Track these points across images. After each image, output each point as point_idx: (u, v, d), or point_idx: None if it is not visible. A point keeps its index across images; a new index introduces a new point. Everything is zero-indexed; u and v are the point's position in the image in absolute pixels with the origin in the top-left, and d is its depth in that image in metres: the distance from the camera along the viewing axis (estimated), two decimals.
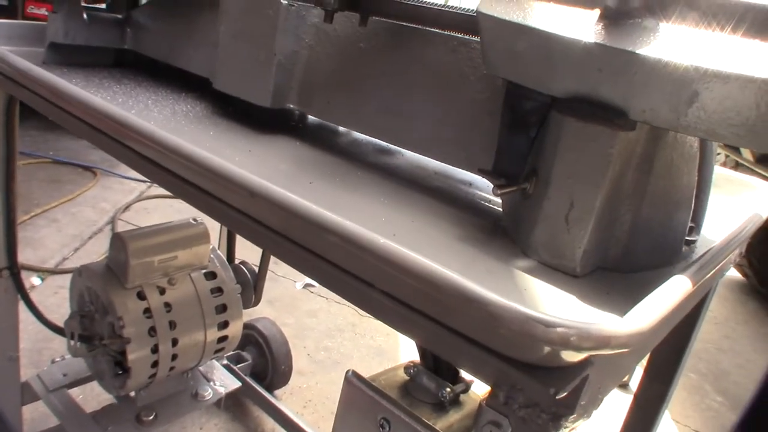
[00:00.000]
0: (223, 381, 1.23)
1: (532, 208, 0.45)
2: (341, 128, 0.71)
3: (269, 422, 1.44)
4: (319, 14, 0.61)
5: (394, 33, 0.58)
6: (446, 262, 0.35)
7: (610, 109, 0.40)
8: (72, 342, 1.03)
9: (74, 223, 2.25)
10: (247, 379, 1.43)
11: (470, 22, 0.50)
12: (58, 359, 1.20)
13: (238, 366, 1.42)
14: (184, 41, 0.80)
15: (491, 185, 0.48)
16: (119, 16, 0.89)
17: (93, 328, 1.04)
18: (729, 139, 0.37)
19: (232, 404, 1.49)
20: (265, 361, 1.49)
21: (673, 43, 0.37)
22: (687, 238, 0.50)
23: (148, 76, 0.85)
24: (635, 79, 0.37)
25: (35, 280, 1.85)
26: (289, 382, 1.55)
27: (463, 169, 0.54)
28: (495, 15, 0.43)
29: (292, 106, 0.66)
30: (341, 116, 0.63)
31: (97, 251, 2.10)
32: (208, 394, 1.18)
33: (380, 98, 0.60)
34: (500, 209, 0.52)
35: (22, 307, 1.09)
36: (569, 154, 0.42)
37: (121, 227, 2.26)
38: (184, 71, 0.80)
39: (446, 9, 0.53)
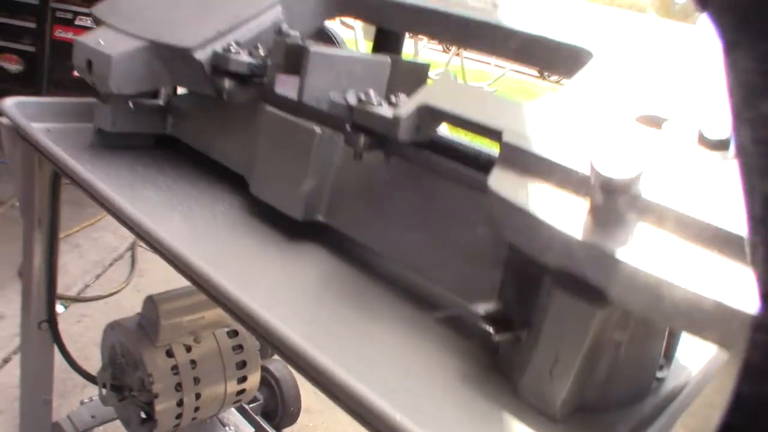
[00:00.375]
0: (237, 426, 1.32)
1: (523, 355, 0.53)
2: None
3: None
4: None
5: (414, 173, 0.67)
6: (444, 406, 0.43)
7: (592, 288, 0.48)
8: (103, 391, 1.12)
9: (95, 249, 2.34)
10: (258, 419, 1.51)
11: (483, 177, 0.58)
12: (86, 401, 1.29)
13: (251, 405, 1.51)
14: (222, 136, 0.89)
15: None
16: (161, 103, 0.97)
17: (123, 380, 1.12)
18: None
19: None
20: (276, 402, 1.58)
21: (653, 249, 0.45)
22: (657, 375, 0.58)
23: (189, 163, 0.94)
24: (612, 275, 0.46)
25: (59, 308, 1.93)
26: (298, 421, 1.63)
27: (469, 303, 0.63)
28: (502, 194, 0.52)
29: (321, 218, 0.75)
30: (364, 234, 0.72)
31: (117, 279, 2.19)
32: None
33: (400, 224, 0.69)
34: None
35: None
36: (556, 319, 0.50)
37: (140, 254, 2.35)
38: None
39: (461, 165, 0.61)
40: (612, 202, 0.46)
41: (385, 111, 0.62)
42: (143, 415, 1.11)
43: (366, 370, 0.52)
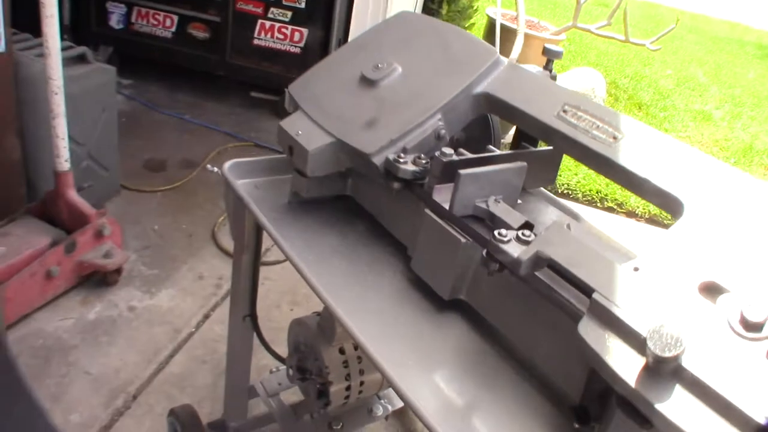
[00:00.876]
0: (390, 400, 1.63)
1: None
2: None
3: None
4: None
5: (529, 291, 0.88)
6: None
7: (642, 415, 0.69)
8: (290, 372, 1.46)
9: None
10: None
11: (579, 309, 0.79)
12: (274, 370, 1.64)
13: None
14: (391, 211, 1.15)
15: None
16: (343, 170, 1.23)
17: (305, 364, 1.45)
18: None
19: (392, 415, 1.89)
20: None
21: (682, 407, 0.66)
22: None
23: (363, 220, 1.20)
24: (652, 415, 0.67)
25: None
26: None
27: (563, 391, 0.85)
28: (586, 340, 0.73)
29: (462, 297, 0.99)
30: (492, 315, 0.96)
31: None
32: (379, 410, 1.59)
33: (519, 318, 0.92)
34: None
35: None
36: (617, 426, 0.72)
37: None
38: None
39: (565, 293, 0.82)
40: (658, 367, 0.67)
41: (512, 248, 0.84)
42: (320, 392, 1.44)
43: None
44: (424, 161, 1.02)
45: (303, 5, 3.33)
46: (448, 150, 1.02)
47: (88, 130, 2.41)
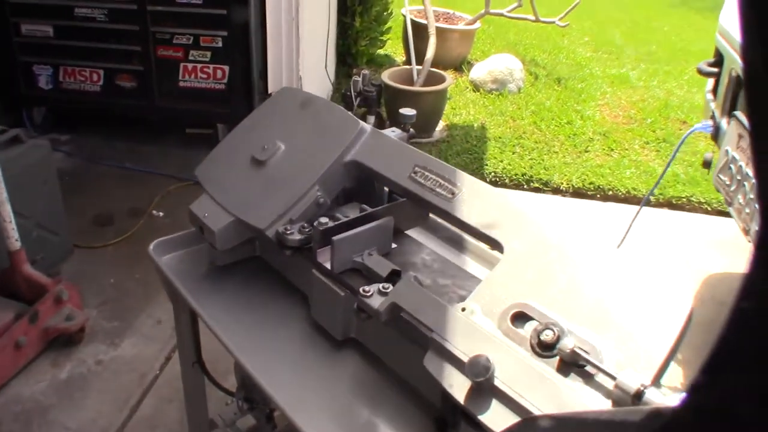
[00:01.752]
0: None
1: None
2: None
3: None
4: None
5: (392, 332, 1.11)
6: None
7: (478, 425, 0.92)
8: (239, 404, 1.68)
9: None
10: None
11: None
12: (229, 402, 1.86)
13: None
14: (291, 267, 1.36)
15: None
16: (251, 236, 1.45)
17: (252, 395, 1.67)
18: None
19: None
20: None
21: (497, 414, 0.89)
22: None
23: (270, 275, 1.41)
24: (483, 426, 0.90)
25: None
26: None
27: (435, 406, 1.08)
28: (429, 370, 0.96)
29: (354, 336, 1.21)
30: (376, 349, 1.18)
31: None
32: None
33: (394, 350, 1.15)
34: None
35: None
36: None
37: None
38: None
39: (417, 335, 1.05)
40: (478, 387, 0.91)
41: (374, 301, 1.07)
42: (267, 418, 1.66)
43: None
44: (307, 230, 1.24)
45: (220, 44, 3.51)
46: (324, 219, 1.24)
47: (33, 204, 2.58)
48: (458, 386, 0.94)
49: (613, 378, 0.84)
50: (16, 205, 2.33)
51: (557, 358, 0.91)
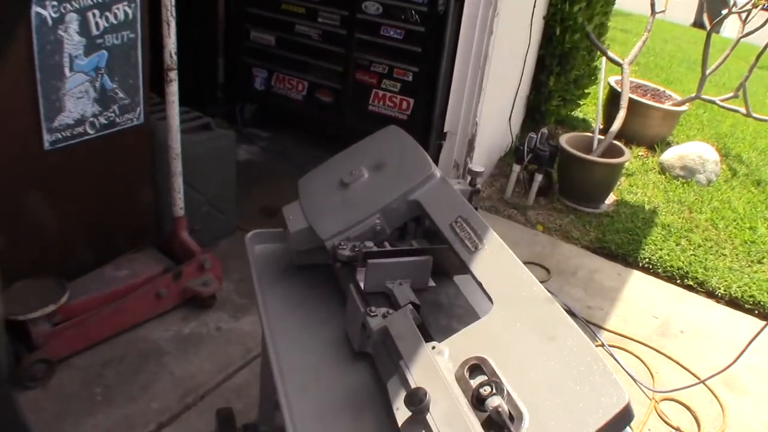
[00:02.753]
0: None
1: None
2: None
3: None
4: None
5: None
6: None
7: None
8: None
9: None
10: None
11: None
12: None
13: None
14: (342, 280, 1.54)
15: None
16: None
17: None
18: None
19: None
20: None
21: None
22: None
23: (334, 285, 1.60)
24: None
25: None
26: None
27: None
28: (389, 391, 1.09)
29: (369, 351, 1.36)
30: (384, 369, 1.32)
31: None
32: None
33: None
34: None
35: None
36: None
37: None
38: None
39: None
40: (415, 418, 1.02)
41: (374, 322, 1.21)
42: None
43: None
44: (357, 249, 1.41)
45: (411, 78, 3.79)
46: (370, 243, 1.40)
47: (208, 183, 3.01)
48: (402, 412, 1.06)
49: None
50: (193, 182, 2.76)
51: (488, 414, 0.99)
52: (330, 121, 4.11)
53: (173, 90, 2.42)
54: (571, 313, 0.91)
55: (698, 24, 4.66)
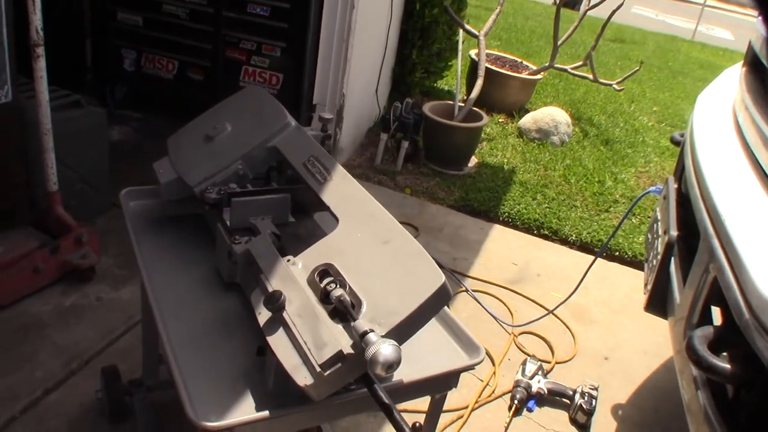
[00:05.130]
0: None
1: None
2: None
3: None
4: None
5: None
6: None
7: None
8: None
9: None
10: None
11: None
12: None
13: None
14: (211, 222, 1.69)
15: None
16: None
17: None
18: None
19: None
20: None
21: None
22: None
23: (206, 230, 1.74)
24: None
25: None
26: None
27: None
28: (244, 290, 1.26)
29: (237, 281, 1.52)
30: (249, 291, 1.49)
31: None
32: None
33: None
34: None
35: None
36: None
37: None
38: None
39: None
40: (274, 314, 1.19)
41: (238, 248, 1.38)
42: None
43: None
44: (222, 192, 1.57)
45: (279, 54, 3.93)
46: (234, 185, 1.56)
47: (81, 161, 3.04)
48: (264, 314, 1.23)
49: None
50: (65, 159, 2.80)
51: (333, 305, 1.19)
52: (202, 99, 4.17)
53: (41, 66, 2.46)
54: (438, 265, 1.06)
55: (560, 1, 5.04)
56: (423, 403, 1.54)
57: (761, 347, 1.25)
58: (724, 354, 1.44)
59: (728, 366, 1.35)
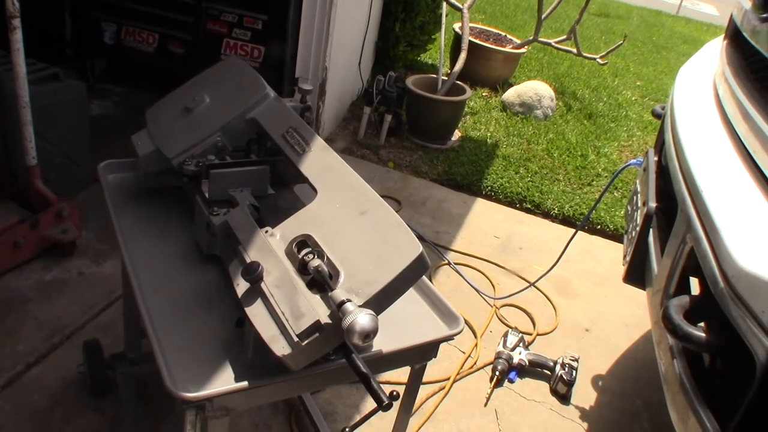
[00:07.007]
0: None
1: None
2: None
3: None
4: None
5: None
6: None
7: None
8: None
9: None
10: None
11: None
12: None
13: None
14: (190, 194, 1.68)
15: None
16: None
17: None
18: None
19: None
20: None
21: None
22: None
23: (181, 200, 1.73)
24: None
25: None
26: None
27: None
28: (221, 258, 1.26)
29: (216, 253, 1.52)
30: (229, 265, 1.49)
31: None
32: None
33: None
34: None
35: None
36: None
37: None
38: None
39: None
40: (252, 287, 1.20)
41: (217, 219, 1.37)
42: None
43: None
44: (200, 164, 1.56)
45: (260, 27, 3.89)
46: (212, 157, 1.55)
47: (60, 135, 3.01)
48: (242, 285, 1.24)
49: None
50: (44, 133, 2.76)
51: (311, 276, 1.19)
52: (183, 72, 4.12)
53: (17, 38, 2.42)
54: (421, 238, 1.05)
55: None
56: (405, 374, 1.56)
57: (736, 316, 1.26)
58: (701, 324, 1.46)
59: (703, 335, 1.37)
